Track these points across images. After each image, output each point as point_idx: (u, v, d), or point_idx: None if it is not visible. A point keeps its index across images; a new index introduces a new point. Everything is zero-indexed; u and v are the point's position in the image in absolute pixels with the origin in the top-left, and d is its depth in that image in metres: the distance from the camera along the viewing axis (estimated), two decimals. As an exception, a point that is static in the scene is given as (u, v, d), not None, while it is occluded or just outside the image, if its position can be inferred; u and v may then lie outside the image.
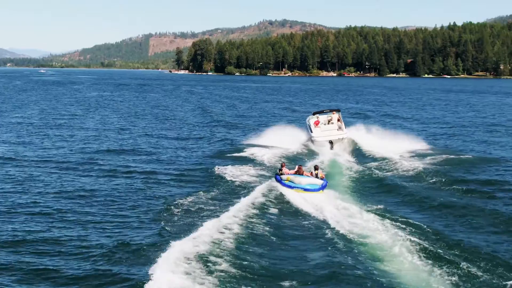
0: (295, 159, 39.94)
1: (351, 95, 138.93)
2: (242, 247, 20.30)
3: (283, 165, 31.15)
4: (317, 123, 48.27)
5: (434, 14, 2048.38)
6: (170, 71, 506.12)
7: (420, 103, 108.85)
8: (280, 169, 30.82)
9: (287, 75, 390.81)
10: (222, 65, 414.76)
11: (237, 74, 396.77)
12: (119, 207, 26.21)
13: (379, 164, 37.98)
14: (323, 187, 28.93)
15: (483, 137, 54.01)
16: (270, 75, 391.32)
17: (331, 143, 45.21)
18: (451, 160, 38.35)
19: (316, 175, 29.71)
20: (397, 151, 41.30)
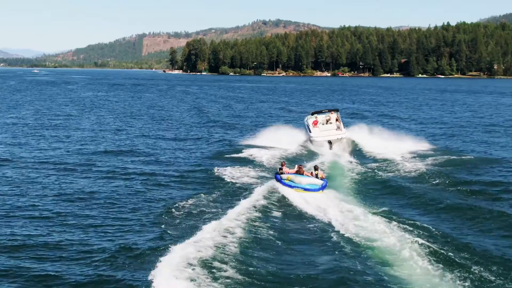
0: (294, 160, 39.51)
1: (347, 95, 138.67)
2: (246, 251, 19.85)
3: (283, 164, 31.03)
4: (315, 123, 47.91)
5: (427, 14, 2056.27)
6: (164, 71, 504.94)
7: (416, 103, 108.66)
8: (280, 168, 30.65)
9: (281, 75, 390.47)
10: (216, 65, 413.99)
11: (231, 74, 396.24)
12: (119, 210, 25.71)
13: (381, 165, 37.62)
14: (323, 187, 28.81)
15: (482, 137, 53.77)
16: (264, 75, 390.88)
17: (330, 143, 44.90)
18: (453, 161, 38.06)
19: (316, 175, 29.57)
20: (399, 151, 41.04)
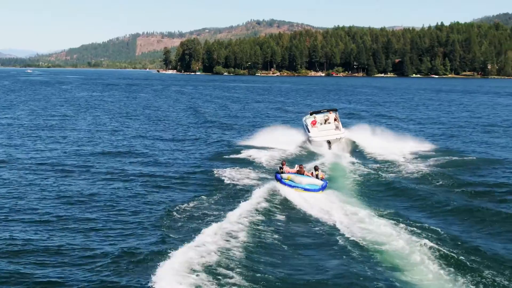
0: (293, 160, 39.06)
1: (343, 95, 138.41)
2: (252, 256, 19.43)
3: (283, 164, 30.91)
4: (314, 123, 47.67)
5: (420, 14, 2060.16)
6: (158, 71, 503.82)
7: (413, 103, 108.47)
8: (281, 168, 30.52)
9: (275, 75, 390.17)
10: (210, 65, 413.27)
11: (225, 74, 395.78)
12: (119, 212, 25.21)
13: (383, 166, 37.23)
14: (322, 188, 28.71)
15: (482, 137, 53.51)
16: (258, 75, 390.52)
17: (329, 143, 44.66)
18: (455, 161, 37.77)
19: (316, 176, 29.43)
20: (400, 152, 40.78)
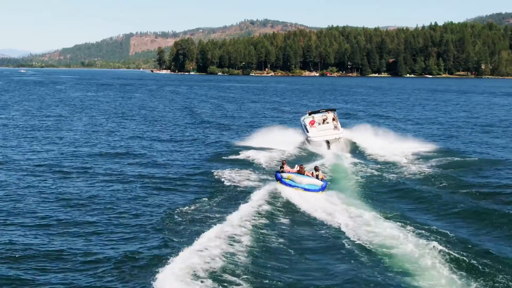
0: (293, 161, 38.69)
1: (338, 95, 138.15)
2: (258, 261, 19.00)
3: (284, 163, 30.81)
4: (312, 123, 47.41)
5: (413, 14, 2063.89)
6: (152, 71, 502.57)
7: (409, 103, 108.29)
8: (281, 167, 30.39)
9: (269, 75, 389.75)
10: (204, 65, 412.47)
11: (219, 74, 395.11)
12: (120, 215, 24.72)
13: (385, 167, 36.85)
14: (322, 188, 28.63)
15: (482, 138, 53.27)
16: (253, 75, 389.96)
17: (328, 143, 44.43)
18: (457, 162, 37.48)
19: (316, 176, 29.30)
20: (402, 153, 40.47)
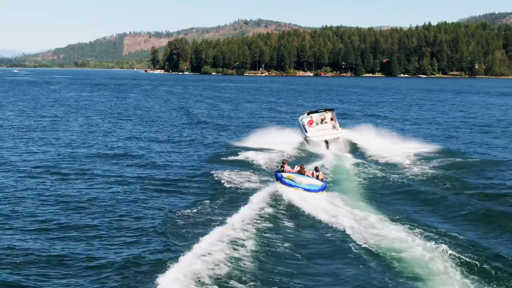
0: (293, 162, 38.30)
1: (334, 95, 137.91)
2: (265, 266, 18.60)
3: (284, 163, 30.68)
4: (310, 123, 47.17)
5: (407, 14, 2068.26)
6: (145, 71, 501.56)
7: (405, 103, 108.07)
8: (282, 166, 30.24)
9: (263, 74, 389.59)
10: (198, 65, 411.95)
11: (213, 73, 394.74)
12: (121, 218, 24.23)
13: (387, 168, 36.48)
14: (322, 189, 28.58)
15: (481, 138, 53.02)
16: (247, 75, 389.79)
17: (327, 142, 44.19)
18: (459, 163, 37.15)
19: (316, 177, 29.22)
20: (402, 154, 40.12)
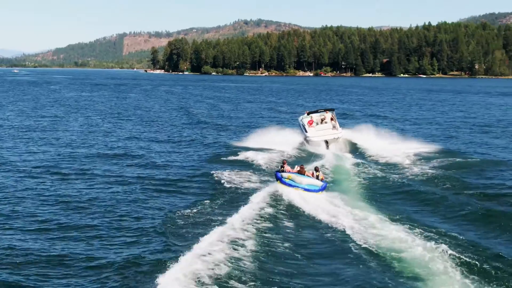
0: (293, 162, 38.27)
1: (334, 95, 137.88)
2: (265, 267, 18.59)
3: (284, 163, 30.72)
4: (311, 123, 47.19)
5: (407, 14, 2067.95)
6: (145, 71, 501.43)
7: (405, 103, 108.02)
8: (282, 166, 30.26)
9: (263, 74, 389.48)
10: (198, 65, 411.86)
11: (213, 73, 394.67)
12: (121, 218, 24.22)
13: (387, 168, 36.45)
14: (322, 189, 28.62)
15: (481, 138, 53.01)
16: (247, 74, 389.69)
17: (327, 142, 44.21)
18: (459, 163, 37.12)
19: (317, 177, 29.25)
20: (402, 154, 40.12)
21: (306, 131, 46.25)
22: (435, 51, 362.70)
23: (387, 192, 30.09)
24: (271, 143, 44.31)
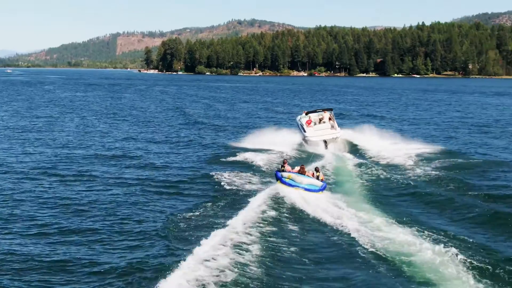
0: (292, 163, 37.87)
1: (329, 95, 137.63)
2: (273, 272, 18.16)
3: (285, 162, 30.55)
4: (309, 123, 46.95)
5: (400, 14, 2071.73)
6: (139, 71, 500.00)
7: (401, 103, 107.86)
8: (282, 166, 30.07)
9: (258, 74, 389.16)
10: (192, 65, 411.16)
11: (207, 73, 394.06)
12: (122, 222, 23.73)
13: (390, 169, 36.03)
14: (322, 189, 28.59)
15: (481, 138, 52.83)
16: (241, 74, 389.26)
17: (325, 142, 43.90)
18: (462, 164, 36.85)
19: (317, 177, 29.13)
20: (404, 154, 39.83)
21: (304, 131, 46.03)
22: (428, 51, 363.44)
23: (391, 193, 29.73)
24: (270, 143, 44.03)
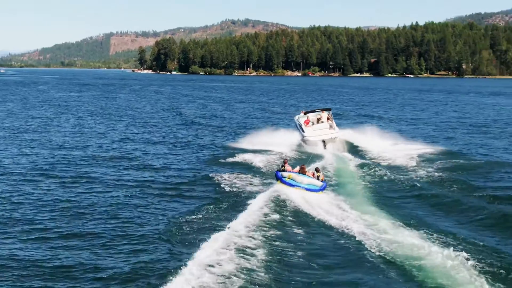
0: (292, 164, 37.49)
1: (325, 95, 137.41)
2: (280, 278, 17.73)
3: (285, 162, 30.42)
4: (307, 123, 46.68)
5: (394, 14, 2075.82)
6: (133, 71, 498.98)
7: (398, 104, 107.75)
8: (282, 165, 29.95)
9: (252, 74, 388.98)
10: (186, 65, 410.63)
11: (202, 73, 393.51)
12: (124, 225, 23.26)
13: (392, 170, 35.56)
14: (322, 189, 28.62)
15: (481, 139, 52.60)
16: (235, 74, 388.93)
17: (324, 142, 43.65)
18: (464, 165, 36.55)
19: (317, 177, 29.04)
20: (405, 155, 39.55)
21: (303, 131, 45.77)
22: (422, 51, 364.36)
23: (395, 195, 29.37)
24: (268, 144, 43.78)
